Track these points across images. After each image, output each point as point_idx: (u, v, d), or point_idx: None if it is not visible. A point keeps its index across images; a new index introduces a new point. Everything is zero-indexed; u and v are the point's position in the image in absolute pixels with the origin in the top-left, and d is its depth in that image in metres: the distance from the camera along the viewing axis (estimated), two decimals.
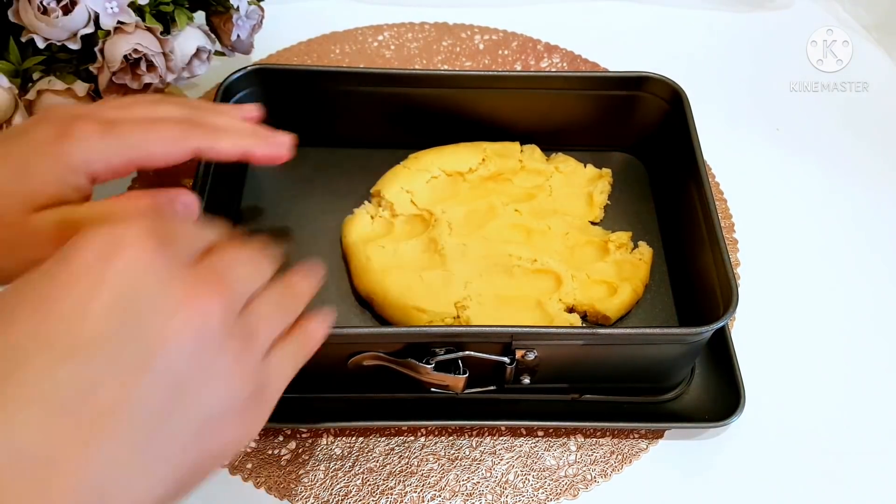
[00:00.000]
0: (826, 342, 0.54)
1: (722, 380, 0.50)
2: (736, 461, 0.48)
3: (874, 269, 0.58)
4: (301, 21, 0.73)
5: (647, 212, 0.58)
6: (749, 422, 0.49)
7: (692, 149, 0.52)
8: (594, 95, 0.58)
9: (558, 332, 0.45)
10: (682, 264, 0.54)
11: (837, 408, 0.51)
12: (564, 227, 0.55)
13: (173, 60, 0.48)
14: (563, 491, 0.47)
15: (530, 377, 0.47)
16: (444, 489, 0.46)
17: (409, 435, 0.49)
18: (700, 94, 0.57)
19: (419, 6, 0.75)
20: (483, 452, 0.48)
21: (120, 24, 0.45)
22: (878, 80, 0.71)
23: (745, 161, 0.64)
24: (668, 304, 0.53)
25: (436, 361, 0.44)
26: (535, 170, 0.58)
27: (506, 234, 0.54)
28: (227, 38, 0.53)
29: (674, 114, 0.55)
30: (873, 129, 0.68)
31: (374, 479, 0.47)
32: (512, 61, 0.71)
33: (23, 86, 0.46)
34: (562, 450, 0.48)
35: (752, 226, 0.60)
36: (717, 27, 0.76)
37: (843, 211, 0.62)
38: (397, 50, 0.72)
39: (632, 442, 0.49)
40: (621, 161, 0.61)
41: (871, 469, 0.48)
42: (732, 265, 0.46)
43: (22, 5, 0.43)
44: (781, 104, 0.69)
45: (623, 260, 0.54)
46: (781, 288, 0.57)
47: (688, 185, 0.52)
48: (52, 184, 0.33)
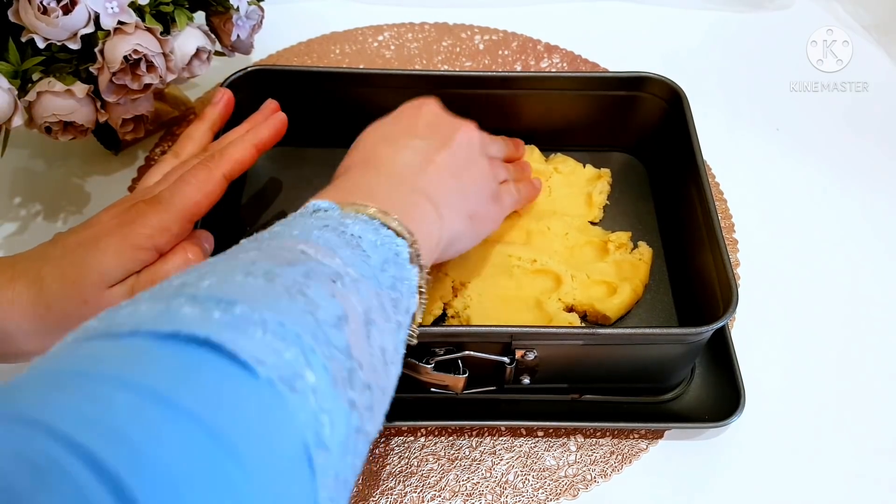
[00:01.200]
0: (826, 342, 0.54)
1: (722, 380, 0.50)
2: (736, 461, 0.48)
3: (874, 268, 0.58)
4: (301, 21, 0.73)
5: (647, 212, 0.58)
6: (749, 422, 0.49)
7: (692, 149, 0.52)
8: (594, 95, 0.58)
9: (558, 331, 0.45)
10: (681, 264, 0.54)
11: (837, 407, 0.51)
12: (564, 228, 0.55)
13: (173, 61, 0.48)
14: (563, 491, 0.47)
15: (530, 377, 0.47)
16: (444, 489, 0.46)
17: (409, 435, 0.49)
18: (700, 94, 0.57)
19: (419, 6, 0.75)
20: (483, 452, 0.48)
21: (120, 25, 0.45)
22: (878, 80, 0.71)
23: (745, 161, 0.64)
24: (668, 304, 0.53)
25: (436, 361, 0.44)
26: (534, 170, 0.58)
27: (505, 235, 0.54)
28: (227, 39, 0.53)
29: (673, 114, 0.55)
30: (873, 129, 0.68)
31: (373, 480, 0.47)
32: (512, 61, 0.71)
33: (22, 87, 0.46)
34: (562, 450, 0.48)
35: (752, 226, 0.60)
36: (717, 27, 0.76)
37: (843, 211, 0.62)
38: (397, 50, 0.72)
39: (632, 442, 0.49)
40: (621, 161, 0.61)
41: (871, 469, 0.48)
42: (732, 265, 0.46)
43: (22, 5, 0.43)
44: (781, 104, 0.69)
45: (623, 260, 0.54)
46: (781, 288, 0.57)
47: (687, 185, 0.52)
48: (122, 264, 0.39)
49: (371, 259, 0.32)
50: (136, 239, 0.40)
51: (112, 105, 0.49)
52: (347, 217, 0.33)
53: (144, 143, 0.63)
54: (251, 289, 0.26)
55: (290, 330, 0.25)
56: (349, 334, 0.27)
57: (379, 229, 0.33)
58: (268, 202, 0.58)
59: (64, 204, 0.59)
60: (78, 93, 0.47)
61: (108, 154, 0.62)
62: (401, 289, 0.33)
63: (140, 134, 0.53)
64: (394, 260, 0.33)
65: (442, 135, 0.44)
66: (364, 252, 0.31)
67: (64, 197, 0.60)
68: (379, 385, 0.29)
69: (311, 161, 0.60)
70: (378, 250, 0.32)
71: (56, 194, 0.60)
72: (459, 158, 0.44)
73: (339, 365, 0.26)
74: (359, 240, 0.32)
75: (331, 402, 0.24)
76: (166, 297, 0.25)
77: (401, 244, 0.34)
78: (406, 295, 0.33)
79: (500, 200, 0.48)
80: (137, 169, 0.61)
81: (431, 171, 0.42)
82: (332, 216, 0.33)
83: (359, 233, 0.32)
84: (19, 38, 0.45)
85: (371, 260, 0.32)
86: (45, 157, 0.62)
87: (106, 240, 0.39)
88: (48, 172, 0.61)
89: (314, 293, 0.27)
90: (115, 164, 0.62)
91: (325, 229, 0.32)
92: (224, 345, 0.23)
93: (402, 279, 0.33)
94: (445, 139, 0.44)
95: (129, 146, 0.63)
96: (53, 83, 0.46)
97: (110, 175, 0.61)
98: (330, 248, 0.30)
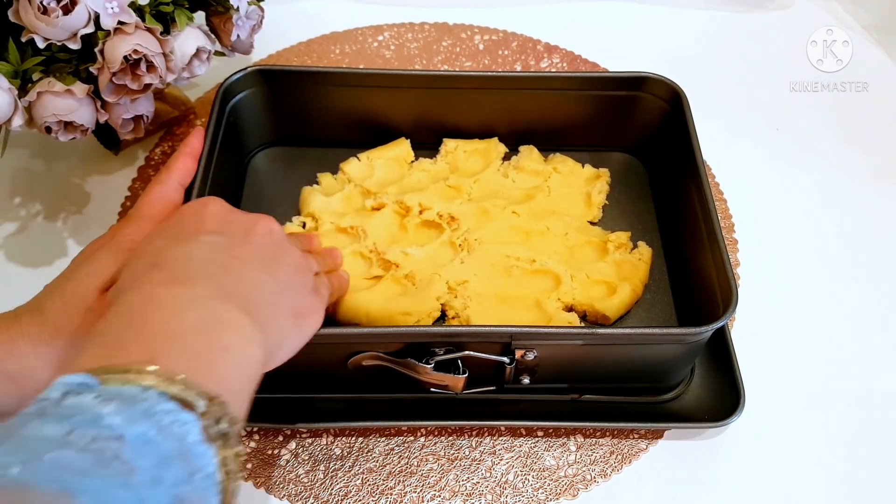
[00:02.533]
0: (826, 342, 0.54)
1: (722, 380, 0.50)
2: (736, 461, 0.48)
3: (874, 268, 0.58)
4: (301, 21, 0.73)
5: (647, 212, 0.58)
6: (749, 422, 0.49)
7: (692, 149, 0.52)
8: (594, 95, 0.58)
9: (558, 331, 0.45)
10: (681, 264, 0.54)
11: (837, 407, 0.51)
12: (563, 228, 0.55)
13: (173, 61, 0.48)
14: (563, 491, 0.47)
15: (530, 377, 0.47)
16: (444, 489, 0.46)
17: (409, 435, 0.49)
18: (700, 94, 0.57)
19: (419, 6, 0.75)
20: (483, 452, 0.48)
21: (120, 25, 0.45)
22: (878, 80, 0.71)
23: (745, 161, 0.64)
24: (668, 304, 0.53)
25: (435, 361, 0.44)
26: (533, 171, 0.58)
27: (504, 235, 0.54)
28: (227, 39, 0.53)
29: (673, 114, 0.55)
30: (873, 129, 0.68)
31: (373, 480, 0.47)
32: (512, 61, 0.71)
33: (22, 87, 0.46)
34: (561, 450, 0.48)
35: (752, 226, 0.60)
36: (717, 27, 0.76)
37: (842, 210, 0.62)
38: (397, 50, 0.72)
39: (631, 442, 0.49)
40: (621, 161, 0.61)
41: (871, 469, 0.48)
42: (732, 265, 0.46)
43: (22, 5, 0.43)
44: (781, 104, 0.69)
45: (622, 260, 0.54)
46: (781, 288, 0.57)
47: (687, 185, 0.52)
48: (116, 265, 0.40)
49: (137, 474, 0.24)
50: (122, 243, 0.41)
51: (112, 105, 0.49)
52: (107, 402, 0.26)
53: (144, 143, 0.63)
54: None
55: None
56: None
57: (153, 410, 0.26)
58: (268, 201, 0.58)
59: (64, 204, 0.59)
60: (78, 93, 0.46)
61: (108, 154, 0.62)
62: (191, 495, 0.26)
63: (140, 134, 0.53)
64: (177, 454, 0.26)
65: (238, 230, 0.38)
66: (126, 466, 0.24)
67: (64, 197, 0.60)
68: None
69: (310, 161, 0.60)
70: (150, 449, 0.25)
71: (56, 194, 0.60)
72: (266, 251, 0.38)
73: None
74: (119, 445, 0.24)
75: None
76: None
77: (187, 421, 0.26)
78: (202, 492, 0.26)
79: (318, 292, 0.42)
80: (137, 169, 0.61)
81: (237, 267, 0.35)
82: (84, 406, 0.25)
83: (120, 429, 0.25)
84: (19, 38, 0.45)
85: (136, 476, 0.24)
86: (45, 157, 0.62)
87: (95, 254, 0.41)
88: (48, 172, 0.61)
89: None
90: (115, 164, 0.62)
91: (65, 448, 0.24)
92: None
93: (193, 474, 0.26)
94: (244, 233, 0.38)
95: (129, 146, 0.63)
96: (53, 83, 0.46)
97: (110, 175, 0.61)
98: (65, 491, 0.23)
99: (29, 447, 0.24)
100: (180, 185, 0.47)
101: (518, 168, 0.59)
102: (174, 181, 0.47)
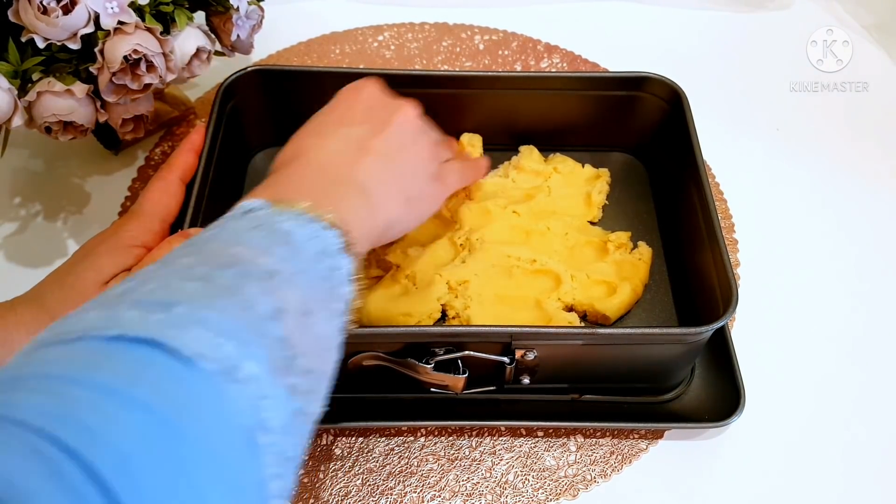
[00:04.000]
0: (826, 342, 0.54)
1: (722, 380, 0.50)
2: (736, 461, 0.48)
3: (874, 268, 0.58)
4: (301, 21, 0.73)
5: (647, 212, 0.58)
6: (749, 422, 0.49)
7: (692, 149, 0.52)
8: (594, 95, 0.58)
9: (558, 331, 0.45)
10: (681, 264, 0.54)
11: (837, 407, 0.51)
12: (564, 228, 0.55)
13: (173, 61, 0.48)
14: (563, 491, 0.47)
15: (530, 377, 0.47)
16: (444, 489, 0.46)
17: (409, 435, 0.49)
18: (700, 94, 0.57)
19: (419, 6, 0.75)
20: (483, 453, 0.48)
21: (120, 25, 0.45)
22: (878, 80, 0.71)
23: (745, 161, 0.64)
24: (668, 304, 0.53)
25: (435, 361, 0.44)
26: (534, 171, 0.58)
27: (505, 235, 0.54)
28: (227, 38, 0.53)
29: (673, 114, 0.55)
30: (873, 129, 0.68)
31: (373, 480, 0.47)
32: (512, 61, 0.71)
33: (22, 87, 0.46)
34: (561, 450, 0.48)
35: (752, 226, 0.60)
36: (717, 27, 0.76)
37: (843, 211, 0.62)
38: (397, 50, 0.72)
39: (632, 442, 0.49)
40: (621, 161, 0.61)
41: (871, 468, 0.48)
42: (732, 265, 0.46)
43: (22, 5, 0.43)
44: (781, 104, 0.69)
45: (622, 260, 0.54)
46: (781, 288, 0.57)
47: (687, 185, 0.52)
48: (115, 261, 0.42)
49: (303, 253, 0.33)
50: (125, 240, 0.43)
51: (112, 105, 0.49)
52: (278, 214, 0.34)
53: (144, 143, 0.63)
54: (190, 291, 0.28)
55: (227, 326, 0.27)
56: (286, 326, 0.29)
57: (309, 223, 0.34)
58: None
59: (64, 204, 0.59)
60: (78, 93, 0.47)
61: (108, 154, 0.62)
62: (335, 279, 0.34)
63: (140, 134, 0.53)
64: (326, 252, 0.34)
65: (379, 119, 0.44)
66: (296, 247, 0.32)
67: (64, 197, 0.60)
68: (320, 370, 0.31)
69: None
70: (310, 244, 0.33)
71: (56, 194, 0.60)
72: (395, 142, 0.43)
73: (277, 355, 0.28)
74: (290, 235, 0.33)
75: (270, 388, 0.27)
76: (111, 304, 0.27)
77: (331, 236, 0.34)
78: (340, 284, 0.34)
79: (442, 180, 0.47)
80: (137, 169, 0.61)
81: (363, 159, 0.41)
82: (263, 215, 0.34)
83: (289, 229, 0.33)
84: (19, 38, 0.45)
85: (303, 254, 0.33)
86: (45, 157, 0.62)
87: (97, 249, 0.43)
88: (48, 172, 0.61)
89: (249, 291, 0.29)
90: (115, 164, 0.62)
91: (256, 230, 0.33)
92: (167, 343, 0.25)
93: (336, 269, 0.34)
94: (382, 123, 0.43)
95: (129, 146, 0.63)
96: (53, 83, 0.46)
97: (110, 175, 0.61)
98: (262, 247, 0.31)
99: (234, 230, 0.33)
100: (182, 180, 0.49)
101: (518, 168, 0.59)
102: (176, 177, 0.48)
